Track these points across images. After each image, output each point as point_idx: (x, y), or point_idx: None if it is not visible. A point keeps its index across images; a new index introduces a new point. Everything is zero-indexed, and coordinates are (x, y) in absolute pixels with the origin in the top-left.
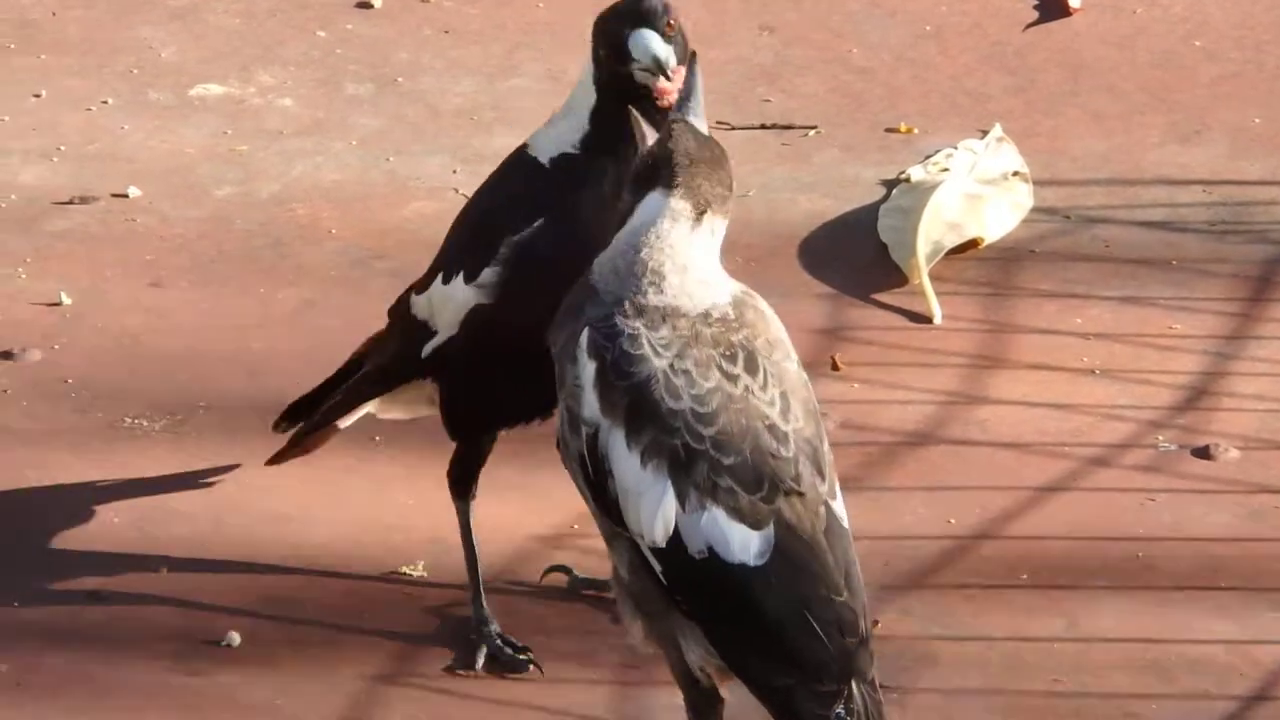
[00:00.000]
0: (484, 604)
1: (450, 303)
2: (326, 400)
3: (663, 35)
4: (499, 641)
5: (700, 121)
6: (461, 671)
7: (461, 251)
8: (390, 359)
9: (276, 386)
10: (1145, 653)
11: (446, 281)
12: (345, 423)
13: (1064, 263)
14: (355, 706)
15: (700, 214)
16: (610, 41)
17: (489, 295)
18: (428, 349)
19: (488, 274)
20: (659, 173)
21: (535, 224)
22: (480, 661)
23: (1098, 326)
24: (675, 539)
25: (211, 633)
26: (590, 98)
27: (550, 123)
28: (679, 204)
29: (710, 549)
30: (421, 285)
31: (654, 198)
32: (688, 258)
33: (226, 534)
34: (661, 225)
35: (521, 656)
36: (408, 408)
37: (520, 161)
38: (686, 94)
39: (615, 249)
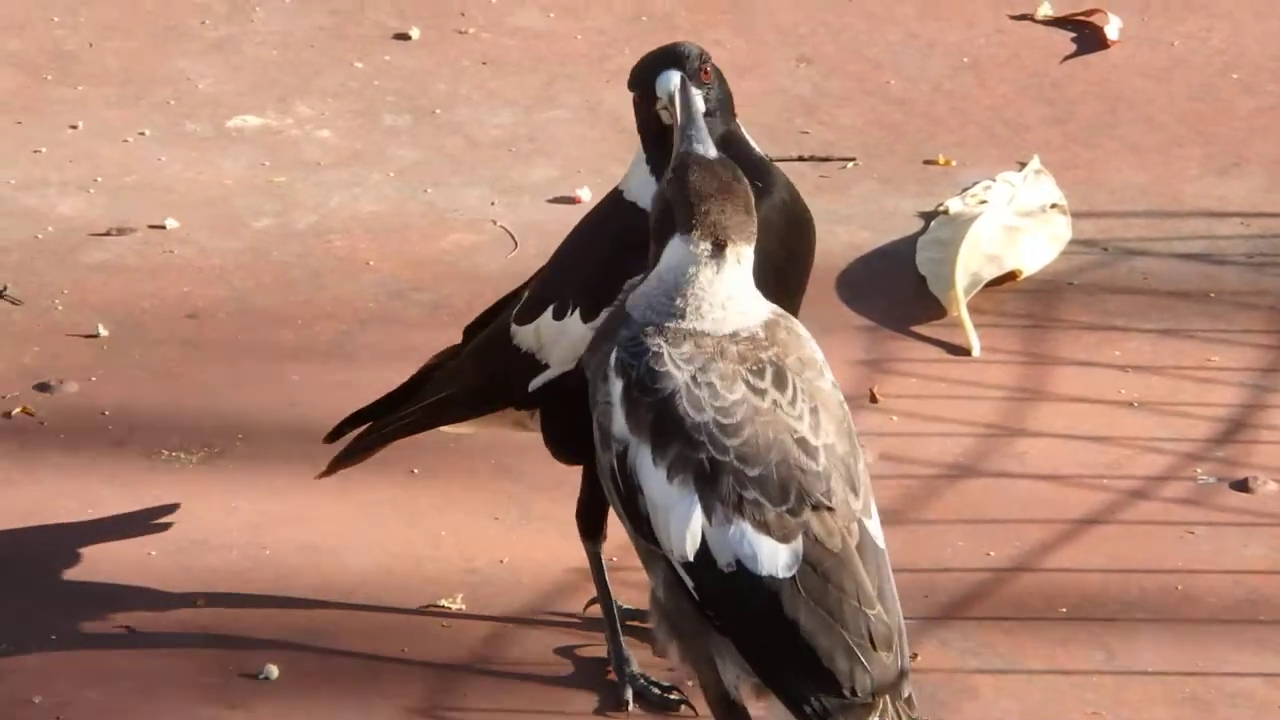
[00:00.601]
0: (622, 643)
1: (565, 338)
2: (397, 413)
3: (697, 81)
4: (643, 681)
5: (707, 146)
6: (611, 713)
7: (577, 290)
8: (486, 385)
9: (314, 418)
10: (1184, 686)
11: (559, 317)
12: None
13: (1102, 295)
14: None
15: (721, 248)
16: (640, 83)
17: None
18: (537, 383)
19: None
20: (673, 218)
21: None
22: (630, 701)
23: (1136, 359)
24: (704, 553)
25: (249, 665)
26: (640, 144)
27: (633, 165)
28: (699, 246)
29: (738, 562)
30: (524, 316)
31: (675, 245)
32: (722, 295)
33: (263, 566)
34: (688, 271)
35: (671, 696)
36: (486, 426)
37: (619, 204)
38: (685, 121)
39: (648, 289)
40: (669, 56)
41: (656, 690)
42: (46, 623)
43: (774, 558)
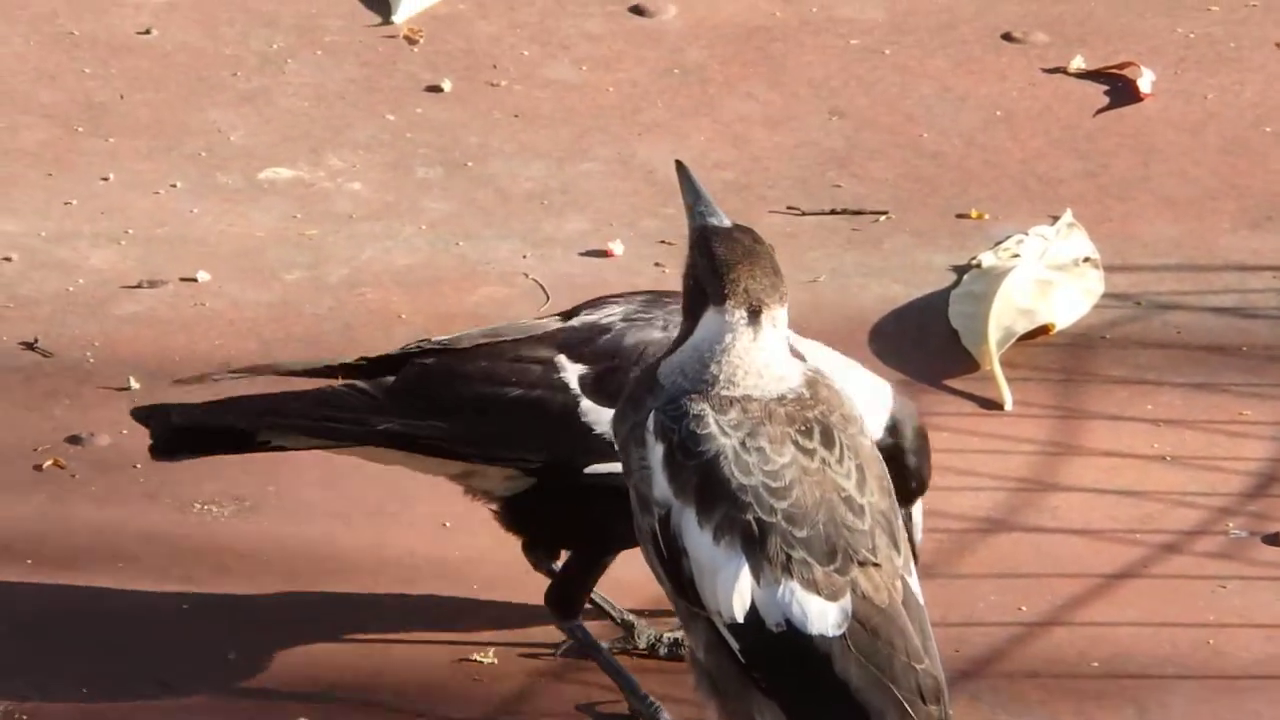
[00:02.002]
0: (646, 695)
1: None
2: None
3: None
4: None
5: (720, 216)
6: None
7: None
8: (509, 440)
9: (347, 472)
10: None
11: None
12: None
13: (1135, 349)
14: None
15: (756, 315)
16: None
17: None
18: (600, 469)
19: None
20: (704, 291)
21: None
22: None
23: (1169, 413)
24: (752, 614)
25: (282, 719)
26: None
27: None
28: (733, 315)
29: (788, 622)
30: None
31: (709, 318)
32: (760, 361)
33: (296, 619)
34: (724, 340)
35: None
36: (423, 469)
37: None
38: (693, 199)
39: (682, 359)
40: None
41: None
42: (78, 676)
43: (823, 616)
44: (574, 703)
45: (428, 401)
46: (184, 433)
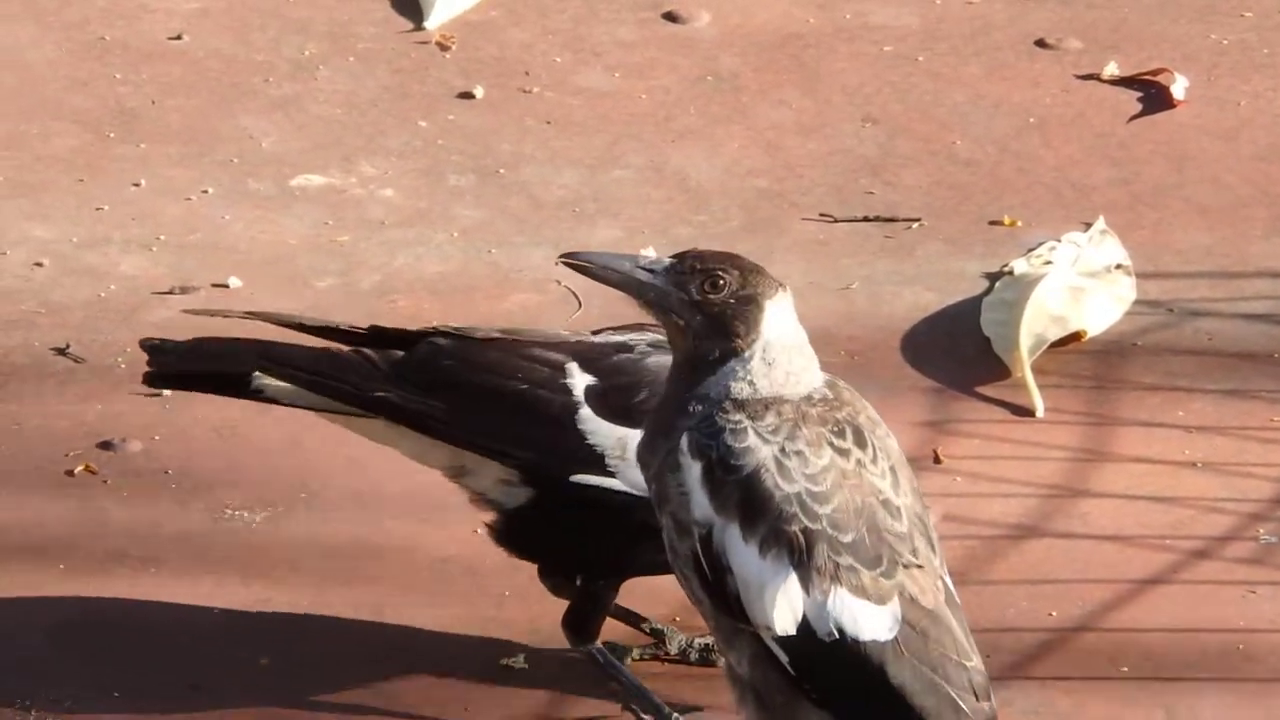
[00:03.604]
0: (670, 713)
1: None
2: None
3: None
4: None
5: (659, 260)
6: None
7: None
8: (499, 434)
9: (376, 478)
10: None
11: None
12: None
13: (1167, 356)
14: None
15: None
16: None
17: None
18: (587, 480)
19: None
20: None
21: None
22: None
23: (1200, 419)
24: (804, 625)
25: None
26: None
27: None
28: (781, 302)
29: (840, 631)
30: (616, 415)
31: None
32: (794, 353)
33: (327, 624)
34: (764, 336)
35: None
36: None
37: None
38: (620, 280)
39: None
40: None
41: None
42: (110, 680)
43: (875, 622)
44: (605, 708)
45: (431, 379)
46: (183, 363)
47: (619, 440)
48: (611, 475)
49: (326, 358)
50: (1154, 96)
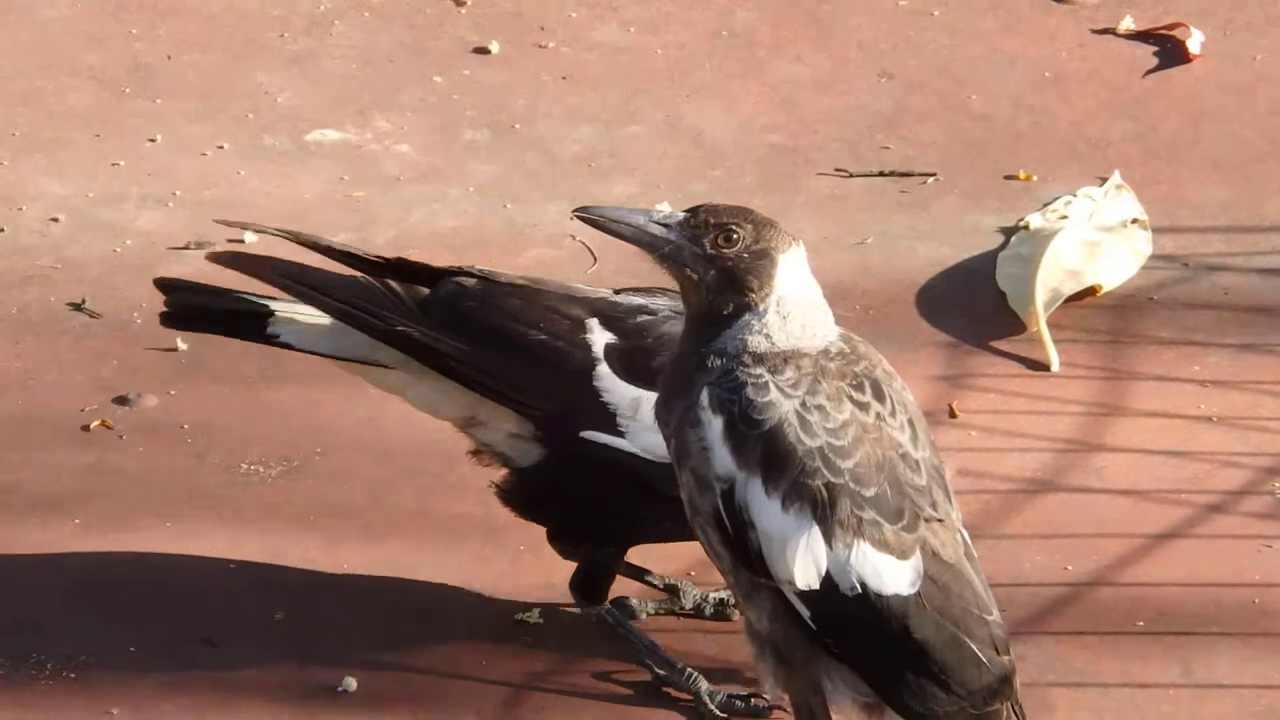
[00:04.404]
0: (686, 669)
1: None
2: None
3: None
4: (725, 696)
5: (672, 214)
6: None
7: None
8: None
9: (392, 432)
10: (1260, 699)
11: None
12: None
13: (1182, 310)
14: None
15: (787, 248)
16: None
17: None
18: (597, 438)
19: None
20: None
21: None
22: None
23: (1215, 374)
24: (826, 580)
25: (328, 679)
26: None
27: None
28: (795, 256)
29: (863, 584)
30: (633, 375)
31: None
32: (811, 306)
33: (342, 580)
34: (780, 290)
35: (758, 703)
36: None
37: None
38: (632, 233)
39: (728, 336)
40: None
41: (740, 702)
42: (125, 635)
43: (897, 576)
44: (620, 662)
45: (454, 318)
46: (200, 297)
47: (633, 401)
48: (621, 435)
49: (355, 287)
50: (1170, 51)
